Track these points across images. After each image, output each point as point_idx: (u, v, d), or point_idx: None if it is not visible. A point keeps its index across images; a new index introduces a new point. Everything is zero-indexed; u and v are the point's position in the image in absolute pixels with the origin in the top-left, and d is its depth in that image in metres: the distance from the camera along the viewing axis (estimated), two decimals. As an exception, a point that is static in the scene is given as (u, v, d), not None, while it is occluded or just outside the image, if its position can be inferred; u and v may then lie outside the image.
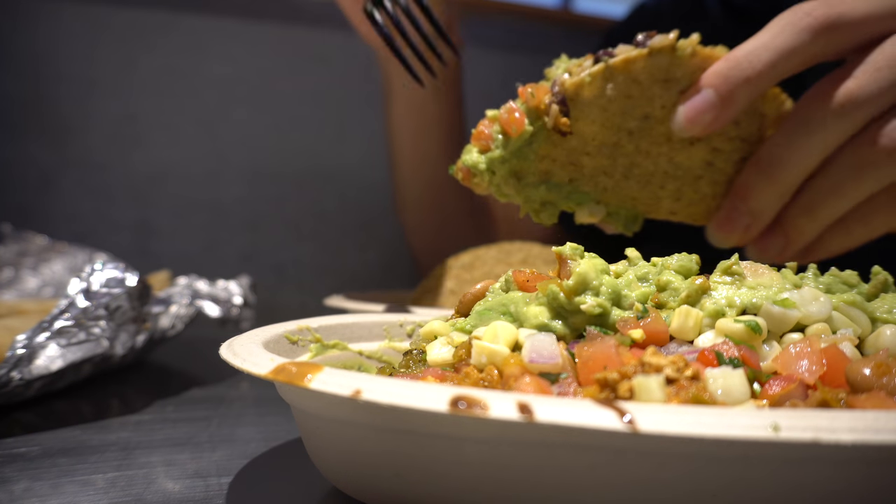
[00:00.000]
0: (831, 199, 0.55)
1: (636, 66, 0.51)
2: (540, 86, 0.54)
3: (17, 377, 0.51)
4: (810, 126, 0.53)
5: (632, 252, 0.44)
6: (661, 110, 0.54)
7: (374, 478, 0.33)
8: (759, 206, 0.57)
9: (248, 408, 0.62)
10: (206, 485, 0.41)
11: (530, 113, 0.53)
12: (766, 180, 0.56)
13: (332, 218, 1.51)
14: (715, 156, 0.57)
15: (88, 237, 1.27)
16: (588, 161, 0.56)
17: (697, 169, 0.58)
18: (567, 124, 0.53)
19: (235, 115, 1.44)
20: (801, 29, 0.51)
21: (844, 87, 0.52)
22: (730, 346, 0.35)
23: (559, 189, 0.57)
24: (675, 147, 0.56)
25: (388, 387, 0.28)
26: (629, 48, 0.52)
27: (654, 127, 0.55)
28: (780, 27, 0.51)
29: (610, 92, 0.52)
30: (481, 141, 0.54)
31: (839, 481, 0.27)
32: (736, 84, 0.51)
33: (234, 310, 0.78)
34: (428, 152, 1.04)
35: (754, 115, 0.56)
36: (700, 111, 0.52)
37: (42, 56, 1.32)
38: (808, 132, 0.53)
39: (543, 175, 0.57)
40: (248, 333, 0.41)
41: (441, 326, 0.43)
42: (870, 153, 0.53)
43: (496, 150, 0.54)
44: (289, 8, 1.46)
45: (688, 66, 0.52)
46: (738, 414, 0.26)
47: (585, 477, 0.28)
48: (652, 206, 0.59)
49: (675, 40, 0.51)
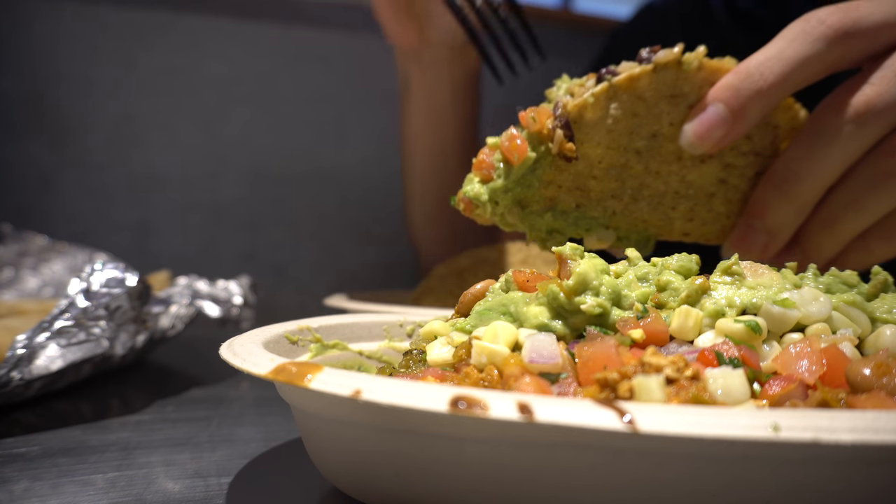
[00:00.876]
0: (851, 213, 0.53)
1: (641, 83, 0.50)
2: (541, 109, 0.52)
3: (17, 377, 0.51)
4: (826, 137, 0.51)
5: (632, 252, 0.44)
6: (670, 127, 0.52)
7: (374, 478, 0.33)
8: (775, 223, 0.54)
9: (248, 408, 0.62)
10: (206, 485, 0.41)
11: (532, 139, 0.51)
12: (782, 196, 0.53)
13: (332, 218, 1.51)
14: (728, 172, 0.55)
15: (88, 237, 1.27)
16: (595, 185, 0.54)
17: (710, 187, 0.56)
18: (573, 149, 0.51)
19: (235, 115, 1.44)
20: (816, 38, 0.49)
21: (862, 94, 0.50)
22: (730, 346, 0.35)
23: (566, 216, 0.55)
24: (686, 165, 0.54)
25: (388, 387, 0.28)
26: (632, 65, 0.50)
27: (662, 145, 0.53)
28: (792, 36, 0.49)
29: (615, 112, 0.50)
30: (482, 170, 0.52)
31: (839, 481, 0.27)
32: (747, 97, 0.49)
33: (234, 310, 0.78)
34: (444, 154, 1.02)
35: (767, 127, 0.54)
36: (710, 127, 0.50)
37: (42, 56, 1.32)
38: (824, 144, 0.51)
39: (549, 202, 0.54)
40: (248, 333, 0.41)
41: (441, 326, 0.43)
42: (890, 164, 0.51)
43: (498, 180, 0.52)
44: (288, 8, 1.46)
45: (695, 81, 0.50)
46: (738, 414, 0.26)
47: (585, 477, 0.28)
48: (664, 227, 0.57)
49: (681, 54, 0.50)
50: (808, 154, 0.52)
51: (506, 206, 0.53)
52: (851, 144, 0.51)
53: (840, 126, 0.51)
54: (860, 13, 0.49)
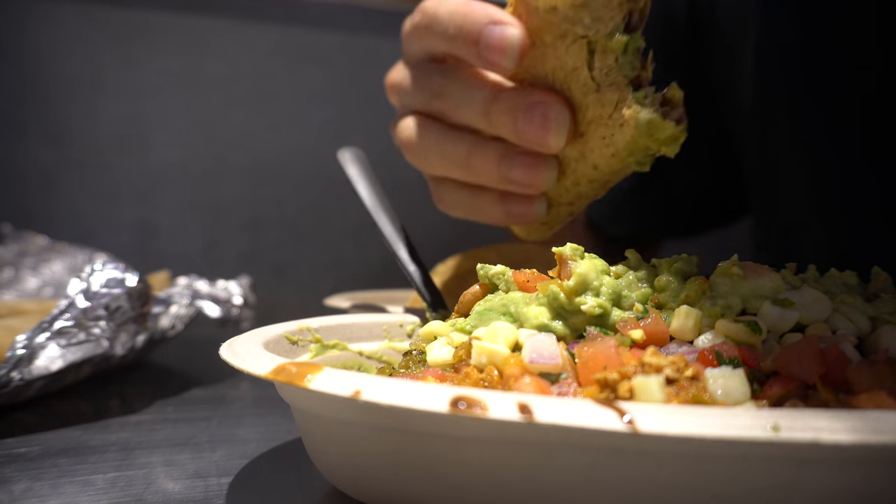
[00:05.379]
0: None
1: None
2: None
3: (17, 377, 0.51)
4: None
5: (632, 254, 0.44)
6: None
7: (373, 478, 0.33)
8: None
9: (248, 408, 0.62)
10: (206, 485, 0.41)
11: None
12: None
13: (332, 218, 1.51)
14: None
15: (89, 237, 1.27)
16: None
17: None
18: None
19: (235, 115, 1.44)
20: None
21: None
22: (730, 346, 0.35)
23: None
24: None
25: (387, 387, 0.28)
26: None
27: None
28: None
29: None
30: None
31: (839, 481, 0.27)
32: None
33: (234, 310, 0.78)
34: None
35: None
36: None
37: (42, 56, 1.32)
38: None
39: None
40: (248, 333, 0.41)
41: (441, 327, 0.43)
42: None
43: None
44: (288, 8, 1.46)
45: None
46: (738, 414, 0.26)
47: (585, 477, 0.28)
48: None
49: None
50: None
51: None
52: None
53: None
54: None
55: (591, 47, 0.44)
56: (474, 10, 0.47)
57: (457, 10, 0.48)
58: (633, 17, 0.43)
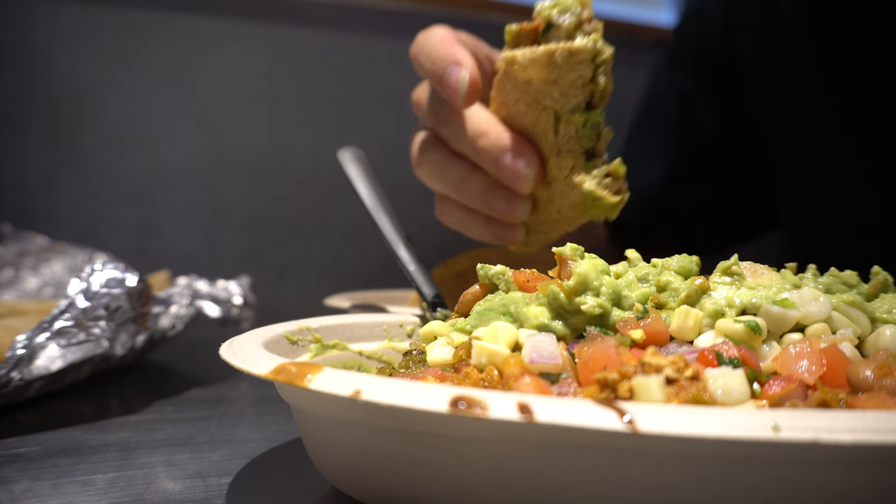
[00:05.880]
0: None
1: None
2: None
3: (17, 377, 0.51)
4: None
5: (632, 253, 0.44)
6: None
7: (373, 478, 0.33)
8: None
9: (248, 408, 0.62)
10: (206, 485, 0.41)
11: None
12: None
13: (332, 218, 1.51)
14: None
15: (89, 237, 1.27)
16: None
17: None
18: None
19: (235, 115, 1.44)
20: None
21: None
22: (730, 346, 0.35)
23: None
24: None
25: (387, 387, 0.28)
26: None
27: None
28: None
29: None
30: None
31: (839, 481, 0.27)
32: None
33: (234, 310, 0.77)
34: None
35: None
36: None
37: (42, 56, 1.32)
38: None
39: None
40: (248, 333, 0.41)
41: (441, 327, 0.43)
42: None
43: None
44: (288, 8, 1.46)
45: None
46: (738, 414, 0.26)
47: (585, 477, 0.28)
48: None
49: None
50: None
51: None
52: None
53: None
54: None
55: (556, 115, 0.51)
56: (445, 49, 0.53)
57: (433, 48, 0.54)
58: (594, 97, 0.50)
